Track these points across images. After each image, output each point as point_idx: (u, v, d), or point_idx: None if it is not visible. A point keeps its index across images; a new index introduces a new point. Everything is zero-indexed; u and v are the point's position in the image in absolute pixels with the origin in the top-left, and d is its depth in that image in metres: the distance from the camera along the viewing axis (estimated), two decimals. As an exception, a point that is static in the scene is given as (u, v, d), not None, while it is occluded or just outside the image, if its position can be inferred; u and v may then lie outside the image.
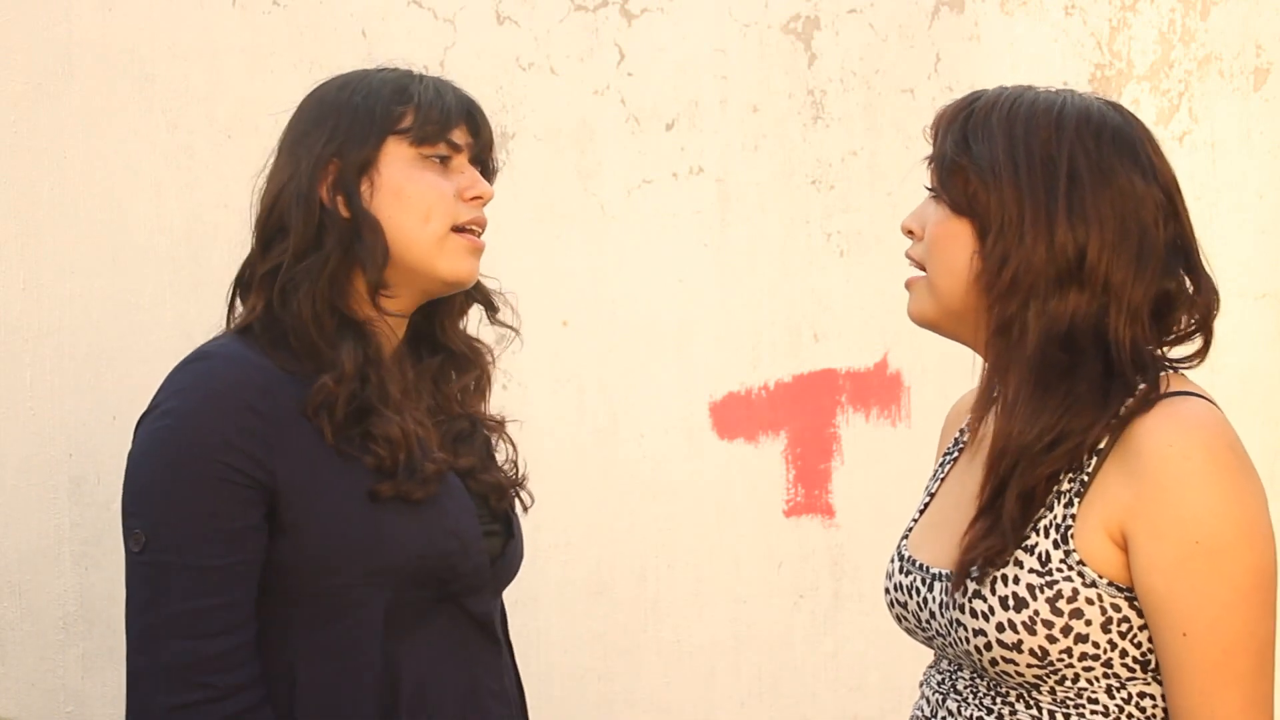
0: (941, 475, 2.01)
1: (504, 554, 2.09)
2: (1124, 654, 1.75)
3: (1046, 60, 3.77)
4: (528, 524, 3.19)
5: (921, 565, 1.90)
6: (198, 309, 2.74)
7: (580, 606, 3.27)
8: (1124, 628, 1.74)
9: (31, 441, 2.65)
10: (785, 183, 3.47)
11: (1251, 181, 4.03)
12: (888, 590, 1.95)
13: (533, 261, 3.19)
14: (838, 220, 3.49)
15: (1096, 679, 1.76)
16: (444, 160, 2.00)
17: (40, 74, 2.65)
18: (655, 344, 3.34)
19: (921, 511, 2.00)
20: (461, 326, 2.14)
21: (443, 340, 2.11)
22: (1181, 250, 1.80)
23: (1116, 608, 1.74)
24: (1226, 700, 1.69)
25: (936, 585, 1.86)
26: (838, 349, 3.53)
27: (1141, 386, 1.75)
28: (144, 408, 2.01)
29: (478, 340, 2.14)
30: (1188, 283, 1.81)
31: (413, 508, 1.94)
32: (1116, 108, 1.83)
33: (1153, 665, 1.75)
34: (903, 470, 3.48)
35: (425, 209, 1.97)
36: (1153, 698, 1.76)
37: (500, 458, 2.16)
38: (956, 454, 2.00)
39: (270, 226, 1.98)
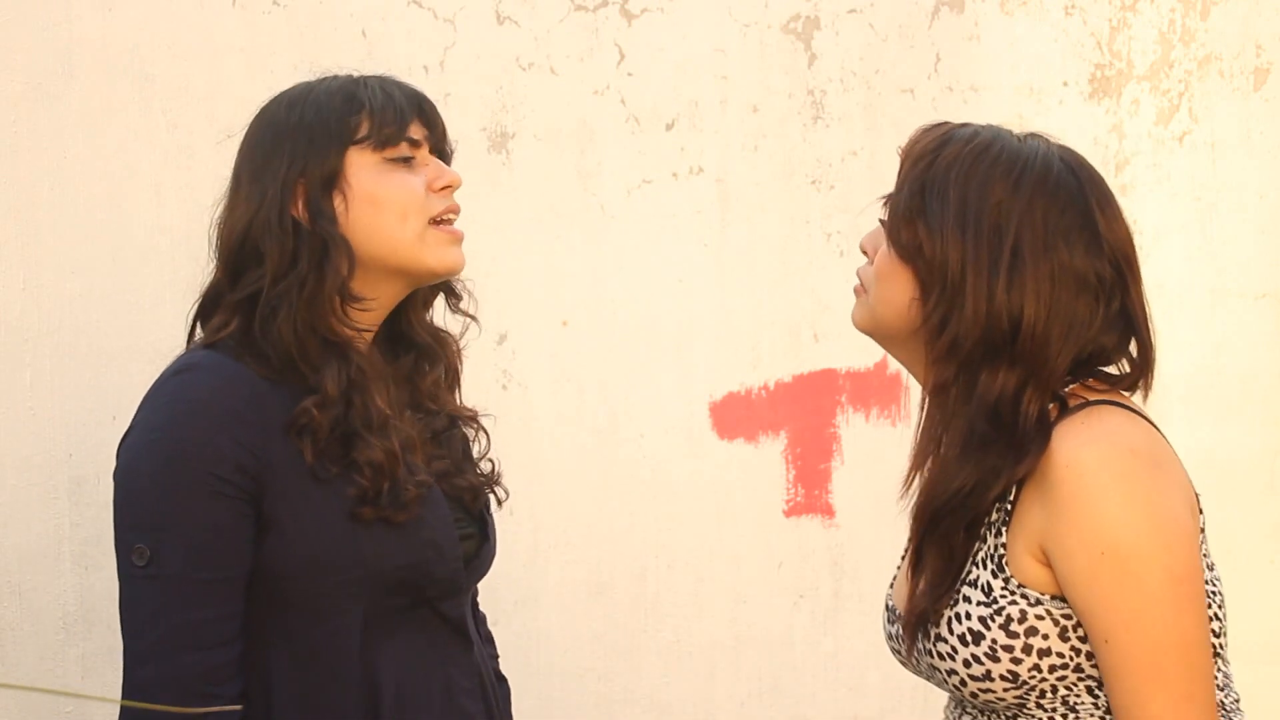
0: None
1: (478, 555, 2.11)
2: (1089, 656, 1.80)
3: (1046, 60, 3.77)
4: (528, 524, 3.20)
5: (900, 615, 1.96)
6: (198, 309, 2.74)
7: (580, 606, 3.27)
8: (1080, 633, 1.79)
9: (31, 441, 2.65)
10: (785, 183, 3.47)
11: (1251, 181, 4.03)
12: (886, 640, 2.01)
13: (533, 261, 3.19)
14: (838, 220, 3.49)
15: (1074, 685, 1.81)
16: (407, 160, 2.01)
17: (40, 74, 2.65)
18: (655, 344, 3.34)
19: (903, 557, 2.05)
20: (427, 318, 2.15)
21: (410, 334, 2.11)
22: (1122, 319, 1.85)
23: (1067, 616, 1.79)
24: (1157, 700, 1.74)
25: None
26: (838, 349, 3.52)
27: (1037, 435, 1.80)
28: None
29: (443, 330, 2.15)
30: (1130, 343, 1.86)
31: (394, 525, 1.96)
32: (1075, 169, 1.86)
33: None
34: (903, 470, 3.47)
35: (401, 209, 1.98)
36: None
37: (477, 450, 2.17)
38: None
39: (243, 256, 1.99)
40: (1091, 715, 1.82)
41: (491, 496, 2.16)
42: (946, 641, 1.84)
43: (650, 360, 3.33)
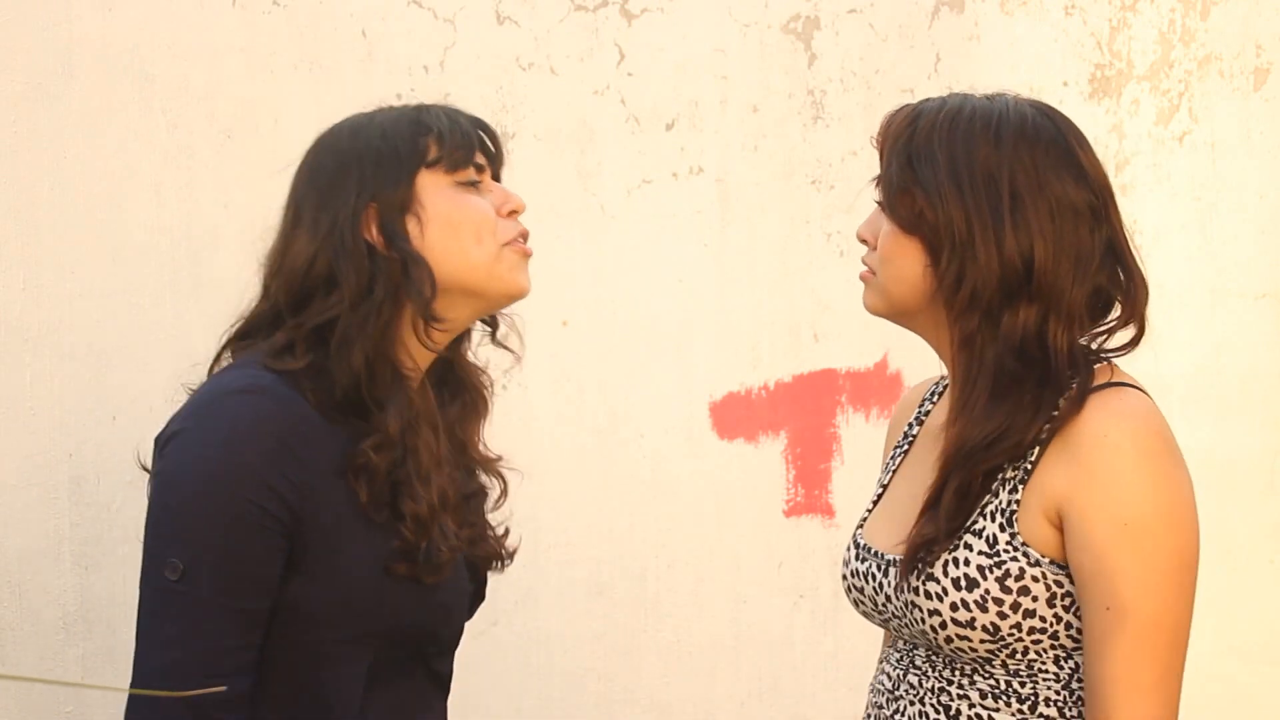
0: (893, 467, 2.13)
1: (470, 610, 2.13)
2: (1069, 626, 1.88)
3: (1046, 60, 3.77)
4: (528, 525, 3.19)
5: (876, 552, 2.02)
6: (198, 309, 2.74)
7: (580, 606, 3.27)
8: (1067, 602, 1.88)
9: (31, 441, 2.65)
10: (785, 183, 3.47)
11: (1251, 181, 4.03)
12: (845, 577, 2.08)
13: (533, 261, 3.19)
14: (838, 220, 3.49)
15: (1044, 650, 1.89)
16: (474, 184, 2.01)
17: (40, 74, 2.65)
18: (655, 344, 3.34)
19: (875, 501, 2.12)
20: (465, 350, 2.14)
21: (460, 373, 2.10)
22: (1113, 249, 1.93)
23: (1059, 584, 1.87)
24: (1143, 670, 1.82)
25: (891, 570, 1.98)
26: (838, 349, 3.52)
27: (1074, 384, 1.88)
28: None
29: (480, 369, 2.15)
30: (1120, 276, 1.94)
31: (420, 585, 1.96)
32: (1048, 113, 1.96)
33: None
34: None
35: (476, 231, 1.98)
36: None
37: (490, 504, 2.16)
38: (907, 446, 2.12)
39: (310, 284, 1.95)
40: (1049, 685, 1.90)
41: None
42: (939, 583, 1.90)
43: (650, 360, 3.33)
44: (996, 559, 1.88)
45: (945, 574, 1.90)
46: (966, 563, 1.89)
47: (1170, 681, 1.83)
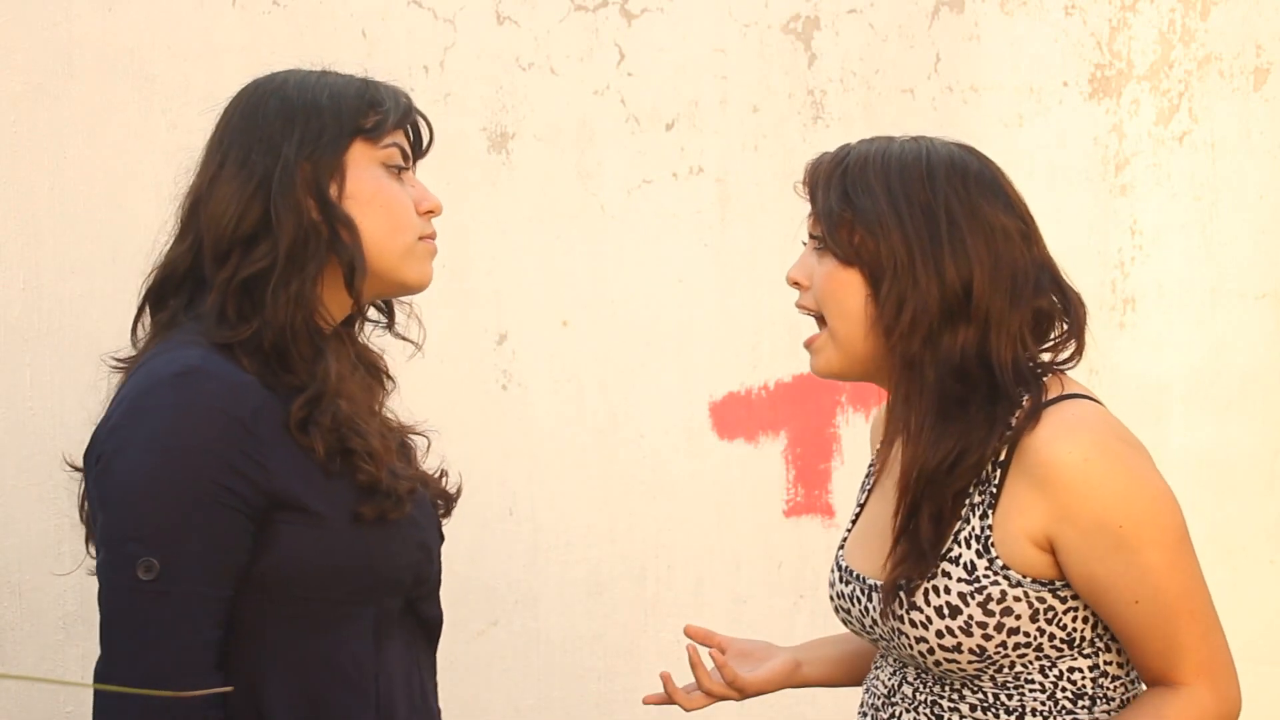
0: (869, 486, 2.17)
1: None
2: (1052, 637, 1.94)
3: (1046, 60, 3.77)
4: (528, 524, 3.20)
5: (859, 575, 2.07)
6: (198, 309, 2.74)
7: (580, 606, 3.27)
8: (1049, 615, 1.93)
9: (31, 441, 2.65)
10: (785, 183, 3.46)
11: (1251, 181, 4.03)
12: (832, 598, 2.12)
13: (533, 261, 3.19)
14: (838, 220, 3.49)
15: (1030, 662, 1.95)
16: (400, 170, 2.00)
17: (40, 74, 2.65)
18: (655, 344, 3.34)
19: (854, 521, 2.15)
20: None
21: (357, 352, 2.09)
22: (1046, 270, 1.99)
23: (1041, 599, 1.93)
24: (1188, 634, 1.91)
25: (875, 595, 2.03)
26: (838, 349, 3.52)
27: (1026, 399, 1.93)
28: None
29: (377, 352, 2.13)
30: (1056, 299, 2.00)
31: (392, 524, 1.94)
32: (971, 151, 2.03)
33: (1077, 642, 1.95)
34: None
35: (395, 220, 1.97)
36: (1080, 670, 1.96)
37: (424, 461, 2.15)
38: (877, 467, 2.15)
39: (242, 232, 1.93)
40: (1035, 696, 1.96)
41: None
42: (922, 611, 1.94)
43: (650, 360, 3.33)
44: (977, 584, 1.92)
45: (928, 603, 1.94)
46: (947, 590, 1.93)
47: (1217, 634, 1.93)
